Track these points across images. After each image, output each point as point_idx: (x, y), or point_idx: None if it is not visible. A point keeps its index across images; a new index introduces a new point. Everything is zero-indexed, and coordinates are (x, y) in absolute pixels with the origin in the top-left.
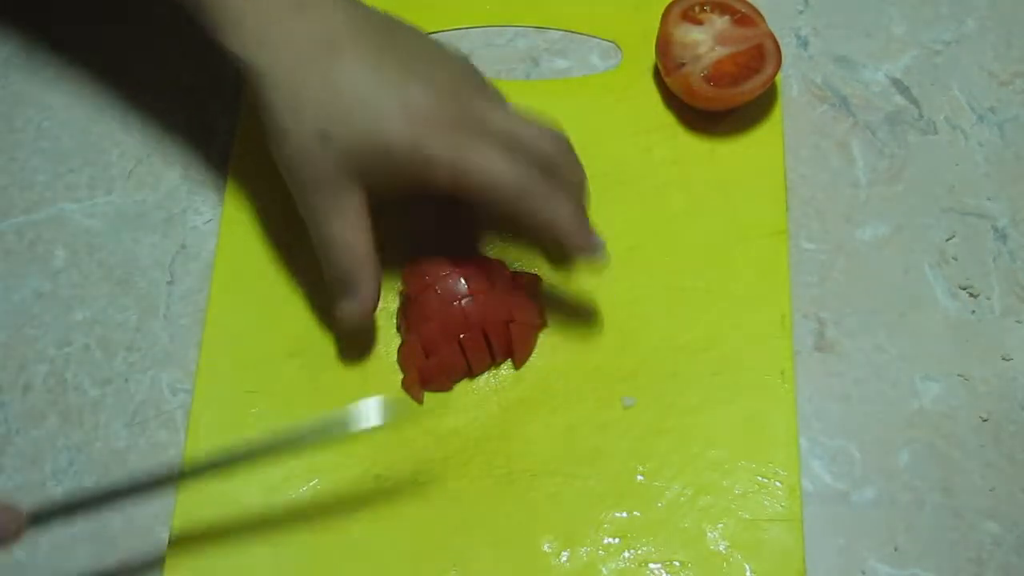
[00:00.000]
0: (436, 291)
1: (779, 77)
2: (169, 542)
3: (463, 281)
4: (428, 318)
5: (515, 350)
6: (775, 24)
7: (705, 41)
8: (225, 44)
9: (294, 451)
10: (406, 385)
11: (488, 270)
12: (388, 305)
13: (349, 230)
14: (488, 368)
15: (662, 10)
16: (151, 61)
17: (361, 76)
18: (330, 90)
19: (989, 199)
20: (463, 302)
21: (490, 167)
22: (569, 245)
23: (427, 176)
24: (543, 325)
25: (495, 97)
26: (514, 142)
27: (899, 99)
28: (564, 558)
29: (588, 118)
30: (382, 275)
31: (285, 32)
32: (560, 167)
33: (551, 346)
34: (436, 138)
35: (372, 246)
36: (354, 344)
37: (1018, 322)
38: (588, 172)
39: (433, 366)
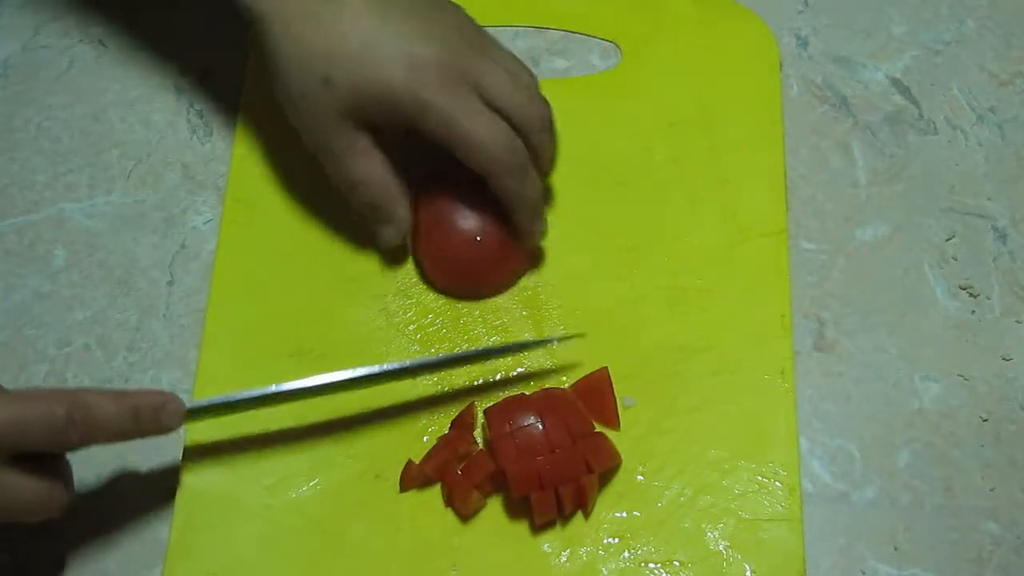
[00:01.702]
0: (515, 442)
1: (779, 77)
2: (169, 542)
3: (542, 428)
4: (501, 462)
5: (586, 502)
6: (775, 24)
7: None
8: None
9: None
10: (451, 487)
11: (570, 414)
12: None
13: (368, 165)
14: (552, 526)
15: (662, 10)
16: (151, 61)
17: (366, 24)
18: (334, 38)
19: (989, 199)
20: (540, 460)
21: (476, 131)
22: (518, 224)
23: (421, 122)
24: (619, 460)
25: (490, 48)
26: (503, 107)
27: (899, 99)
28: (564, 558)
29: (588, 118)
30: (408, 195)
31: None
32: (537, 141)
33: (552, 347)
34: (434, 88)
35: (392, 174)
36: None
37: (1018, 322)
38: (588, 172)
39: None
